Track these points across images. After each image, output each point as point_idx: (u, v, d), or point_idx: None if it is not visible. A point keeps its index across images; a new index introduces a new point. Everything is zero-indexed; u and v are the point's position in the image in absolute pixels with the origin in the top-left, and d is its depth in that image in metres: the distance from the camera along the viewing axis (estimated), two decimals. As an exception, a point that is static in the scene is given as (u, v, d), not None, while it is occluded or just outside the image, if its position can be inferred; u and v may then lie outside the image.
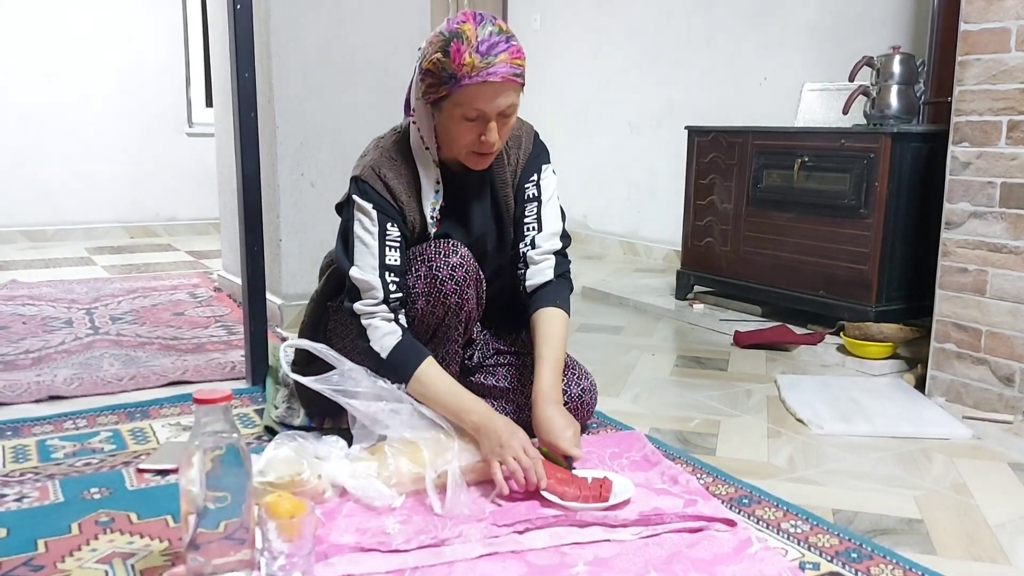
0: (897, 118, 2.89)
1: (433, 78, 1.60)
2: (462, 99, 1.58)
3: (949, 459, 1.88)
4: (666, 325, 3.18)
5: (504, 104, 1.60)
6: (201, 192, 5.41)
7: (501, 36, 1.57)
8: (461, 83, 1.56)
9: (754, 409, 2.20)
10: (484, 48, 1.55)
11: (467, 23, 1.57)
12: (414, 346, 1.66)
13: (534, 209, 1.84)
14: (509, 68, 1.57)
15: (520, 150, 1.85)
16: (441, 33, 1.59)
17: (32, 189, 5.10)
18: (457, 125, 1.63)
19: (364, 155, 1.78)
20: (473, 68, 1.55)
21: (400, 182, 1.71)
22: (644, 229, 4.83)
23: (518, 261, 1.84)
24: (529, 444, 1.55)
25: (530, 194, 1.84)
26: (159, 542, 1.39)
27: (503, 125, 1.64)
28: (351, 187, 1.72)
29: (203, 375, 2.36)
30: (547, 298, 1.80)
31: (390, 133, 1.80)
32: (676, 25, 4.49)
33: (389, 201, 1.70)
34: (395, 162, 1.72)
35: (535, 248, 1.83)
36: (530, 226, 1.83)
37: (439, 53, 1.57)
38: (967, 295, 2.23)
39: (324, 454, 1.56)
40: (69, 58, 5.09)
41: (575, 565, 1.32)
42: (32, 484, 1.61)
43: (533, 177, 1.85)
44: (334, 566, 1.29)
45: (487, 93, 1.57)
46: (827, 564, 1.37)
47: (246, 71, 2.10)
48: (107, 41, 5.19)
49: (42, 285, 3.63)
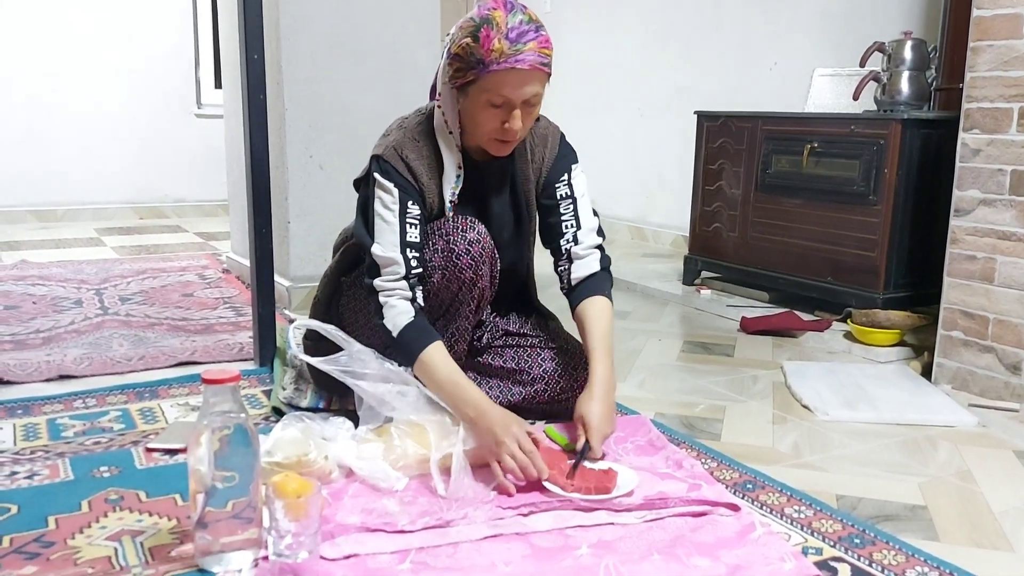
0: (908, 104, 2.88)
1: (461, 63, 1.60)
2: (489, 85, 1.59)
3: (954, 446, 1.88)
4: (673, 310, 3.18)
5: (530, 92, 1.60)
6: (210, 173, 5.42)
7: (531, 25, 1.58)
8: (489, 69, 1.57)
9: (760, 395, 2.20)
10: (514, 35, 1.56)
11: (498, 10, 1.58)
12: (425, 329, 1.66)
13: (570, 206, 1.85)
14: (537, 57, 1.58)
15: (546, 149, 1.86)
16: (471, 19, 1.60)
17: (42, 169, 5.12)
18: (482, 111, 1.63)
19: (387, 134, 1.78)
20: (502, 54, 1.55)
21: (421, 163, 1.72)
22: (653, 214, 4.82)
23: (560, 257, 1.85)
24: (525, 436, 1.53)
25: (563, 193, 1.86)
26: (168, 520, 1.40)
27: (527, 114, 1.64)
28: (372, 165, 1.73)
29: (211, 356, 2.37)
30: (596, 287, 1.82)
31: (414, 114, 1.81)
32: (686, 10, 4.47)
33: (410, 181, 1.71)
34: (417, 143, 1.73)
35: (578, 244, 1.84)
36: (568, 224, 1.85)
37: (468, 38, 1.58)
38: (975, 283, 2.22)
39: (331, 435, 1.58)
40: (79, 40, 5.09)
41: (579, 548, 1.33)
42: (42, 462, 1.63)
43: (564, 177, 1.86)
44: (340, 545, 1.30)
45: (514, 80, 1.58)
46: (830, 549, 1.38)
47: (255, 53, 2.10)
48: (117, 23, 5.19)
49: (52, 265, 3.65)
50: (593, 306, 1.80)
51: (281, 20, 2.82)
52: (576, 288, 1.83)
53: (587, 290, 1.82)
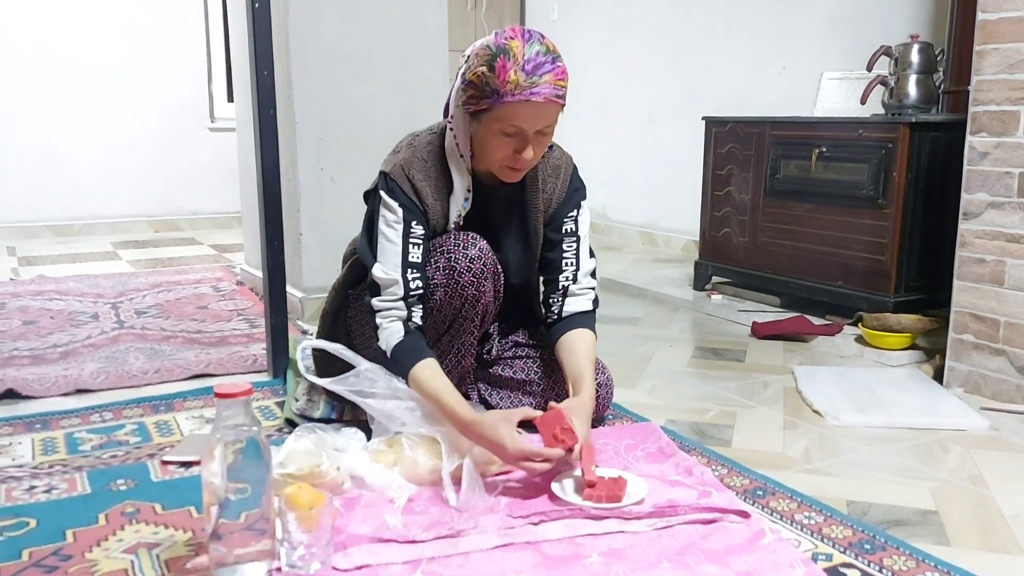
0: (916, 107, 2.88)
1: (476, 90, 1.60)
2: (502, 115, 1.59)
3: (966, 450, 1.88)
4: (684, 316, 3.18)
5: (544, 124, 1.61)
6: (223, 186, 5.47)
7: (548, 56, 1.57)
8: (503, 99, 1.57)
9: (770, 400, 2.20)
10: (530, 67, 1.55)
11: (515, 40, 1.57)
12: (414, 348, 1.66)
13: (573, 244, 1.87)
14: (553, 89, 1.57)
15: (559, 181, 1.86)
16: (488, 47, 1.59)
17: (59, 185, 5.18)
18: (494, 139, 1.63)
19: (396, 151, 1.79)
20: (517, 86, 1.55)
21: (428, 184, 1.73)
22: (663, 219, 4.82)
23: (555, 290, 1.87)
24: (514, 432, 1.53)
25: (568, 228, 1.87)
26: (183, 532, 1.42)
27: (540, 143, 1.65)
28: (379, 181, 1.75)
29: (226, 368, 2.40)
30: (584, 322, 1.84)
31: (426, 132, 1.81)
32: (694, 15, 4.48)
33: (415, 202, 1.72)
34: (426, 164, 1.74)
35: (576, 283, 1.86)
36: (569, 261, 1.86)
37: (484, 67, 1.57)
38: (985, 286, 2.22)
39: (343, 446, 1.59)
40: (94, 56, 5.16)
41: (589, 556, 1.34)
42: (60, 476, 1.66)
43: (572, 212, 1.87)
44: (352, 556, 1.31)
45: (528, 112, 1.58)
46: (840, 555, 1.38)
47: (265, 69, 2.13)
48: (131, 39, 5.25)
49: (69, 280, 3.69)
50: (583, 336, 1.81)
51: (291, 36, 2.85)
52: (565, 320, 1.84)
53: (576, 323, 1.83)
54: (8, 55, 4.95)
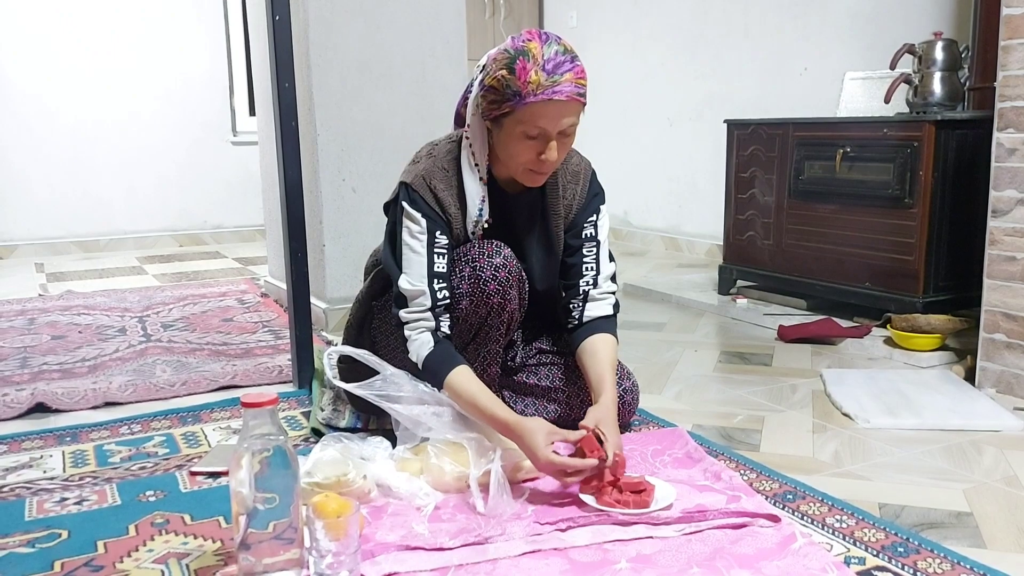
0: (940, 105, 2.84)
1: (496, 95, 1.60)
2: (525, 116, 1.59)
3: (999, 451, 1.85)
4: (709, 321, 3.16)
5: (566, 124, 1.61)
6: (246, 199, 5.52)
7: (567, 55, 1.58)
8: (525, 100, 1.57)
9: (799, 404, 2.18)
10: (550, 67, 1.55)
11: (533, 41, 1.58)
12: (446, 356, 1.67)
13: (593, 249, 1.86)
14: (574, 87, 1.58)
15: (578, 186, 1.86)
16: (506, 51, 1.60)
17: (85, 202, 5.25)
18: (517, 143, 1.63)
19: (416, 161, 1.79)
20: (539, 86, 1.55)
21: (450, 194, 1.73)
22: (686, 224, 4.80)
23: (576, 295, 1.85)
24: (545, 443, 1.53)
25: (588, 233, 1.86)
26: (212, 542, 1.43)
27: (563, 144, 1.64)
28: (400, 192, 1.75)
29: (251, 379, 2.41)
30: (606, 327, 1.83)
31: (444, 140, 1.81)
32: (714, 17, 4.46)
33: (437, 212, 1.72)
34: (447, 173, 1.74)
35: (597, 287, 1.85)
36: (589, 266, 1.85)
37: (504, 70, 1.58)
38: (1016, 284, 2.18)
39: (369, 455, 1.59)
40: (117, 73, 5.23)
41: (618, 562, 1.33)
42: (91, 488, 1.67)
43: (592, 217, 1.86)
44: (380, 564, 1.31)
45: (551, 111, 1.58)
46: (873, 559, 1.36)
47: (286, 82, 2.14)
48: (154, 56, 5.32)
49: (96, 295, 3.73)
50: (604, 340, 1.80)
51: (311, 48, 2.87)
52: (586, 324, 1.83)
53: (598, 328, 1.82)
54: (32, 73, 5.03)
